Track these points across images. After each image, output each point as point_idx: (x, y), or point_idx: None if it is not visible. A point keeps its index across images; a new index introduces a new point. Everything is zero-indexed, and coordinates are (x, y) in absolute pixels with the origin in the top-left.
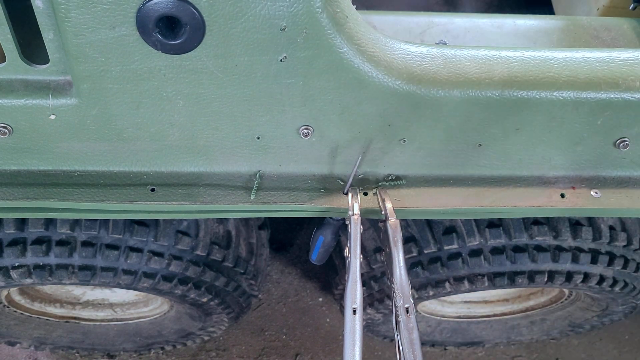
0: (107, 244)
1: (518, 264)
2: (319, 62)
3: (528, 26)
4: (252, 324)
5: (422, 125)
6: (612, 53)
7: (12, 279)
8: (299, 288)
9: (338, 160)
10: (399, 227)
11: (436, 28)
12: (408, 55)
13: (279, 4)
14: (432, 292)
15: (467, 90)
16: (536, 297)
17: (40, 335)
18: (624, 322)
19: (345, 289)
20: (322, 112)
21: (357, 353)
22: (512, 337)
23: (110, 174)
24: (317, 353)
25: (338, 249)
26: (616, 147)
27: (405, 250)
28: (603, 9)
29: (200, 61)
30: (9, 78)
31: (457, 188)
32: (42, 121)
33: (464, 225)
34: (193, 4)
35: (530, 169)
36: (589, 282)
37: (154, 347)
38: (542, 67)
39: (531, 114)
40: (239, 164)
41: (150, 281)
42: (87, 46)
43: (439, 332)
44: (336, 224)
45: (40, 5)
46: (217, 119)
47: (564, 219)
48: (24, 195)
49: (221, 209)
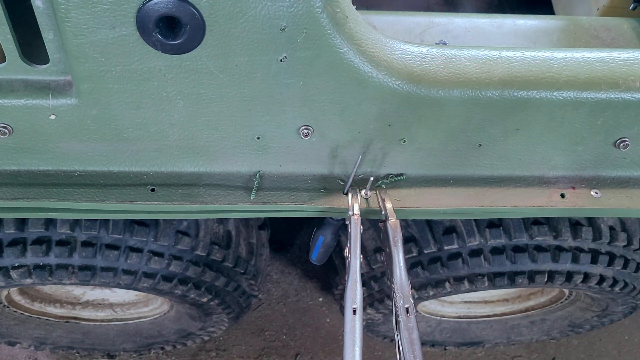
0: (107, 244)
1: (518, 264)
2: (319, 62)
3: (528, 26)
4: (252, 324)
5: (422, 125)
6: (612, 53)
7: (12, 279)
8: (299, 288)
9: (338, 160)
10: (399, 227)
11: (436, 28)
12: (408, 56)
13: (279, 4)
14: (432, 292)
15: (467, 90)
16: (536, 297)
17: (40, 335)
18: (624, 322)
19: (345, 289)
20: (322, 112)
21: (357, 353)
22: (512, 337)
23: (110, 174)
24: (317, 353)
25: (338, 249)
26: (616, 147)
27: (405, 250)
28: (603, 9)
29: (200, 61)
30: (9, 78)
31: (457, 188)
32: (42, 121)
33: (464, 225)
34: (193, 4)
35: (530, 169)
36: (589, 282)
37: (154, 347)
38: (542, 67)
39: (531, 114)
40: (239, 164)
41: (150, 281)
42: (87, 46)
43: (439, 332)
44: (336, 224)
45: (40, 5)
46: (217, 119)
47: (564, 219)
48: (24, 195)
49: (221, 209)
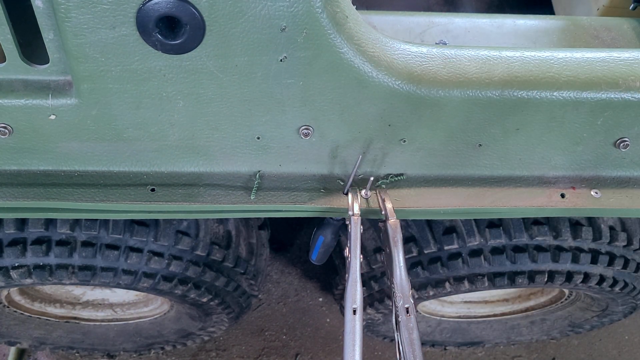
0: (107, 244)
1: (518, 264)
2: (318, 62)
3: (528, 26)
4: (252, 324)
5: (422, 125)
6: (612, 53)
7: (12, 279)
8: (299, 288)
9: (338, 160)
10: (399, 227)
11: (436, 28)
12: (408, 56)
13: (279, 4)
14: (432, 292)
15: (467, 90)
16: (536, 297)
17: (40, 335)
18: (624, 322)
19: (345, 289)
20: (322, 112)
21: (357, 353)
22: (512, 337)
23: (111, 174)
24: (317, 353)
25: (338, 249)
26: (616, 147)
27: (405, 250)
28: (603, 9)
29: (200, 61)
30: (9, 78)
31: (457, 188)
32: (42, 121)
33: (464, 225)
34: (193, 4)
35: (530, 169)
36: (589, 282)
37: (154, 347)
38: (542, 67)
39: (531, 114)
40: (239, 164)
41: (150, 281)
42: (87, 46)
43: (439, 332)
44: (336, 224)
45: (40, 5)
46: (217, 119)
47: (564, 219)
48: (24, 195)
49: (221, 209)
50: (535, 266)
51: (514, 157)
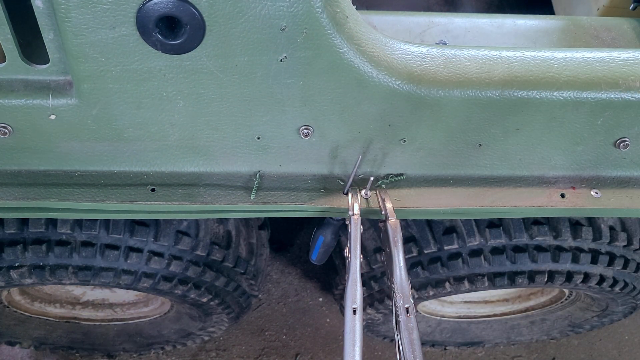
0: (107, 244)
1: (518, 264)
2: (318, 62)
3: (528, 26)
4: (252, 324)
5: (422, 125)
6: (612, 53)
7: (12, 279)
8: (299, 288)
9: (338, 160)
10: (399, 227)
11: (436, 28)
12: (408, 55)
13: (279, 4)
14: (432, 292)
15: (467, 90)
16: (536, 297)
17: (40, 335)
18: (624, 322)
19: (345, 289)
20: (322, 112)
21: (357, 353)
22: (512, 337)
23: (111, 174)
24: (317, 353)
25: (338, 249)
26: (616, 147)
27: (405, 250)
28: (603, 9)
29: (200, 61)
30: (9, 78)
31: (457, 188)
32: (42, 121)
33: (464, 225)
34: (193, 4)
35: (530, 169)
36: (589, 282)
37: (154, 347)
38: (542, 67)
39: (531, 114)
40: (239, 164)
41: (150, 281)
42: (87, 46)
43: (439, 332)
44: (336, 224)
45: (40, 5)
46: (217, 119)
47: (564, 219)
48: (24, 195)
49: (221, 209)
50: (535, 266)
51: (514, 157)
